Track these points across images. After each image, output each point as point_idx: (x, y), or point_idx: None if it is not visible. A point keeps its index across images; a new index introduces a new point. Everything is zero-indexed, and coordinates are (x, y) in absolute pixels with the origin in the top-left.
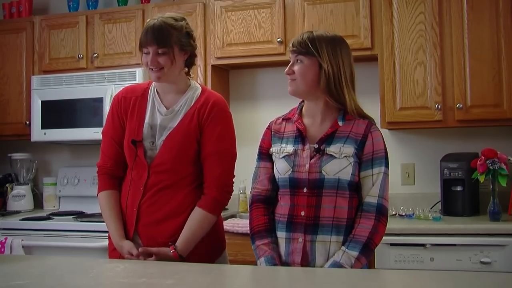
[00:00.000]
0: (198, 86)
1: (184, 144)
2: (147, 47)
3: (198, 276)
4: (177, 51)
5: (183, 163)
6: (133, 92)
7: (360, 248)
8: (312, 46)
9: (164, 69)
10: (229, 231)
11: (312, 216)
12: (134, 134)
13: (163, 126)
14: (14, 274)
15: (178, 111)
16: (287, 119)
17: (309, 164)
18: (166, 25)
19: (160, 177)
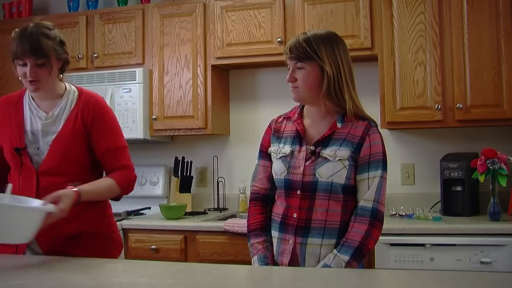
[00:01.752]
0: (74, 89)
1: (71, 146)
2: (24, 59)
3: (198, 276)
4: (54, 61)
5: (72, 165)
6: (7, 102)
7: (351, 252)
8: (311, 50)
9: (42, 80)
10: (229, 231)
11: (303, 219)
12: (16, 142)
13: (46, 131)
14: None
15: (58, 115)
16: (287, 117)
17: (303, 166)
18: (42, 35)
19: (51, 181)
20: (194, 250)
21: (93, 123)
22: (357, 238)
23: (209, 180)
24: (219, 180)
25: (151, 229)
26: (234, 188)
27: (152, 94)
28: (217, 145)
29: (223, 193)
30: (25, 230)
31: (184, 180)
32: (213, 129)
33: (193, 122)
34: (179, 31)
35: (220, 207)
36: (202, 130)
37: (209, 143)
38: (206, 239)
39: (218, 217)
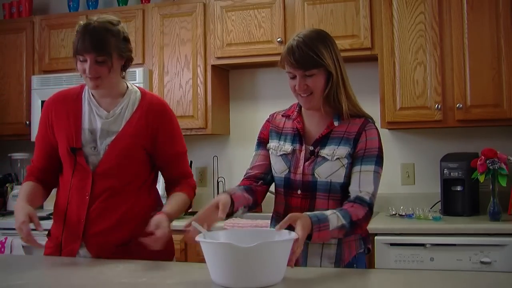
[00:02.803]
0: (136, 89)
1: (131, 149)
2: (85, 55)
3: (198, 276)
4: (115, 58)
5: (128, 168)
6: (65, 97)
7: (349, 220)
8: (316, 56)
9: (102, 78)
10: None
11: None
12: (72, 141)
13: (105, 130)
14: (14, 274)
15: (119, 115)
16: (286, 115)
17: (303, 166)
18: (105, 31)
19: (107, 184)
20: (194, 250)
21: (159, 128)
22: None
23: (209, 180)
24: (219, 180)
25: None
26: None
27: None
28: (217, 145)
29: None
30: (281, 266)
31: None
32: (213, 129)
33: (193, 122)
34: (179, 31)
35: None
36: (202, 130)
37: (209, 143)
38: None
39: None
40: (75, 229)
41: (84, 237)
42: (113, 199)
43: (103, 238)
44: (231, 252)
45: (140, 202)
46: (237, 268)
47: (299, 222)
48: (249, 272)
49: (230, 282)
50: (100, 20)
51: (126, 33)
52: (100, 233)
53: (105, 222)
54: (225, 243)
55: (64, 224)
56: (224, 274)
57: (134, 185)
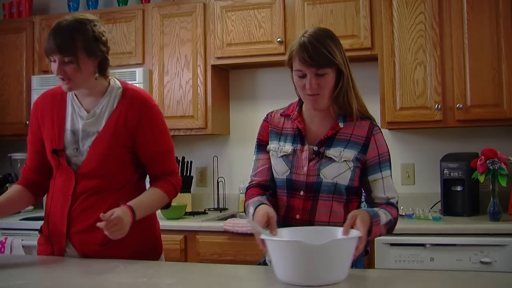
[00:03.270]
0: (119, 85)
1: (112, 148)
2: (52, 55)
3: (198, 276)
4: (83, 59)
5: (111, 168)
6: (51, 97)
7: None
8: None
9: (72, 79)
10: (229, 231)
11: (306, 220)
12: (55, 142)
13: (86, 131)
14: (14, 274)
15: (100, 114)
16: (286, 115)
17: (307, 166)
18: (71, 31)
19: (89, 184)
20: (194, 250)
21: (139, 125)
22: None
23: (209, 180)
24: (219, 180)
25: None
26: (234, 188)
27: (152, 94)
28: (217, 145)
29: (223, 193)
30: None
31: (184, 180)
32: (213, 129)
33: (193, 122)
34: (179, 31)
35: (220, 207)
36: (202, 130)
37: (209, 143)
38: (206, 239)
39: (218, 217)
40: (60, 227)
41: (68, 235)
42: (94, 198)
43: (85, 237)
44: (301, 250)
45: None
46: (305, 265)
47: (359, 218)
48: (317, 269)
49: (297, 280)
50: (70, 19)
51: (99, 32)
52: (82, 232)
53: (86, 221)
54: (295, 241)
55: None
56: (292, 271)
57: (117, 184)
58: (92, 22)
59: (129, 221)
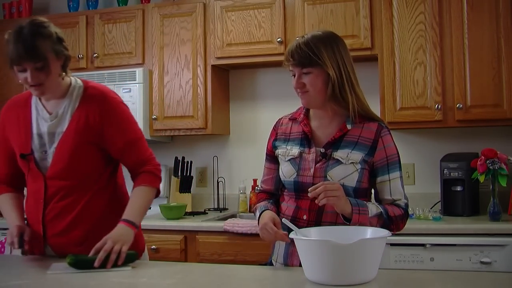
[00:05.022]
0: (80, 83)
1: (78, 147)
2: (22, 64)
3: (198, 276)
4: (53, 61)
5: (79, 167)
6: (15, 104)
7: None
8: (313, 55)
9: (44, 84)
10: (229, 231)
11: (313, 221)
12: (22, 147)
13: (51, 133)
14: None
15: (63, 114)
16: (293, 119)
17: (314, 168)
18: (37, 36)
19: (59, 185)
20: (194, 250)
21: (102, 120)
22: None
23: (209, 180)
24: (219, 180)
25: (151, 229)
26: (234, 188)
27: (152, 94)
28: (217, 145)
29: (223, 193)
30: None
31: (184, 180)
32: (213, 129)
33: (193, 122)
34: (179, 31)
35: (220, 207)
36: (202, 130)
37: (209, 143)
38: (206, 239)
39: (218, 217)
40: (37, 230)
41: (45, 238)
42: (67, 199)
43: (62, 239)
44: (330, 249)
45: (97, 198)
46: (335, 265)
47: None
48: (347, 269)
49: (327, 279)
50: (30, 25)
51: (59, 32)
52: (58, 234)
53: (60, 224)
54: (325, 240)
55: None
56: (321, 271)
57: (88, 182)
58: (50, 24)
59: (131, 235)
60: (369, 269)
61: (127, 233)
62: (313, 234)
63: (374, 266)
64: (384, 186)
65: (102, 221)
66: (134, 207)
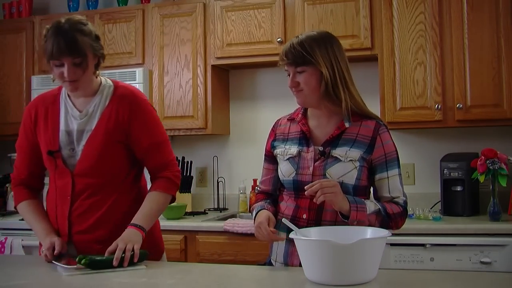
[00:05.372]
0: (110, 83)
1: (107, 145)
2: (61, 59)
3: (198, 276)
4: (90, 58)
5: (107, 165)
6: (44, 100)
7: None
8: (307, 54)
9: (79, 80)
10: (229, 231)
11: (313, 220)
12: (50, 144)
13: (80, 130)
14: (14, 274)
15: (93, 113)
16: (291, 119)
17: (313, 166)
18: (78, 32)
19: (87, 183)
20: (194, 250)
21: (131, 120)
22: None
23: (209, 180)
24: (219, 180)
25: None
26: (234, 188)
27: (152, 94)
28: (217, 145)
29: (223, 193)
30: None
31: (184, 180)
32: (213, 129)
33: (193, 122)
34: (179, 31)
35: (220, 207)
36: (202, 130)
37: (209, 143)
38: (206, 239)
39: (218, 217)
40: (61, 228)
41: (70, 235)
42: (95, 197)
43: (87, 237)
44: (331, 249)
45: (123, 198)
46: (335, 265)
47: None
48: (347, 269)
49: (327, 279)
50: (70, 21)
51: (96, 31)
52: (84, 231)
53: (87, 221)
54: (325, 240)
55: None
56: (321, 271)
57: (115, 181)
58: (88, 22)
59: (140, 237)
60: (369, 269)
61: (136, 235)
62: (313, 234)
63: (374, 266)
64: (382, 183)
65: (125, 222)
66: (145, 212)
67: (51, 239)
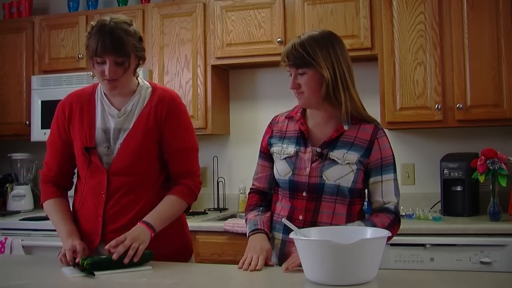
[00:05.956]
0: (148, 84)
1: (143, 145)
2: (104, 57)
3: (198, 276)
4: (132, 59)
5: (143, 164)
6: (79, 98)
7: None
8: (308, 56)
9: (119, 79)
10: (229, 231)
11: (309, 221)
12: (86, 140)
13: (117, 129)
14: (14, 274)
15: (131, 112)
16: (290, 117)
17: (310, 167)
18: (123, 32)
19: (122, 181)
20: (194, 250)
21: (166, 120)
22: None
23: (209, 180)
24: (219, 180)
25: None
26: (234, 188)
27: None
28: (217, 145)
29: (223, 193)
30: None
31: None
32: (213, 129)
33: (193, 122)
34: (179, 31)
35: (220, 207)
36: (202, 130)
37: (209, 143)
38: (206, 239)
39: (218, 217)
40: (94, 227)
41: (104, 233)
42: (130, 196)
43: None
44: (330, 249)
45: (156, 198)
46: (335, 265)
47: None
48: (347, 269)
49: (327, 279)
50: (116, 20)
51: (140, 32)
52: (118, 230)
53: (122, 219)
54: (325, 240)
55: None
56: (321, 271)
57: (149, 181)
58: (132, 23)
59: (148, 236)
60: (369, 269)
61: (144, 234)
62: (313, 234)
63: (374, 266)
64: (376, 187)
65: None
66: (158, 213)
67: (73, 242)
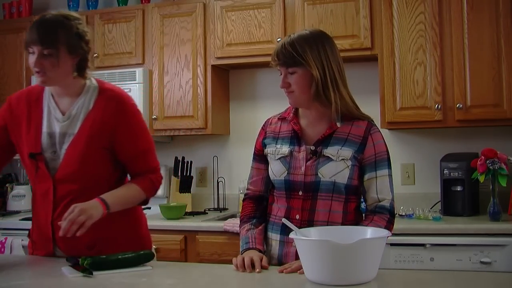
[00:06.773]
0: (95, 84)
1: (89, 150)
2: (32, 47)
3: (198, 276)
4: (63, 53)
5: (90, 171)
6: (28, 96)
7: None
8: (297, 55)
9: (47, 73)
10: (229, 231)
11: (306, 220)
12: (32, 146)
13: (63, 133)
14: (14, 274)
15: (75, 116)
16: (282, 118)
17: (305, 166)
18: (55, 24)
19: (68, 188)
20: (194, 250)
21: (116, 125)
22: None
23: (209, 180)
24: (219, 180)
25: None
26: (234, 188)
27: (152, 94)
28: (217, 145)
29: (223, 193)
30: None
31: (184, 180)
32: (213, 129)
33: (193, 122)
34: (179, 31)
35: (220, 207)
36: (202, 130)
37: (209, 143)
38: (206, 239)
39: (218, 217)
40: (45, 232)
41: (54, 239)
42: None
43: (72, 241)
44: (330, 249)
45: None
46: (335, 265)
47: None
48: (347, 269)
49: (327, 279)
50: (55, 13)
51: (83, 30)
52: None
53: None
54: (325, 240)
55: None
56: (321, 271)
57: (97, 186)
58: (77, 20)
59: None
60: (369, 269)
61: (95, 208)
62: (313, 234)
63: (374, 266)
64: (371, 183)
65: (110, 225)
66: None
67: None
